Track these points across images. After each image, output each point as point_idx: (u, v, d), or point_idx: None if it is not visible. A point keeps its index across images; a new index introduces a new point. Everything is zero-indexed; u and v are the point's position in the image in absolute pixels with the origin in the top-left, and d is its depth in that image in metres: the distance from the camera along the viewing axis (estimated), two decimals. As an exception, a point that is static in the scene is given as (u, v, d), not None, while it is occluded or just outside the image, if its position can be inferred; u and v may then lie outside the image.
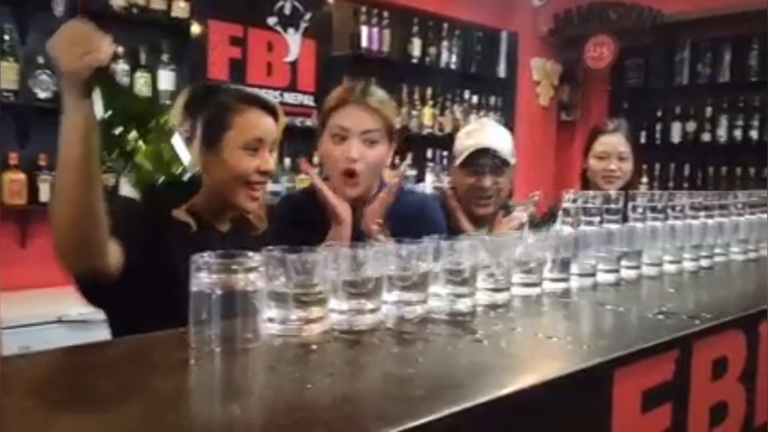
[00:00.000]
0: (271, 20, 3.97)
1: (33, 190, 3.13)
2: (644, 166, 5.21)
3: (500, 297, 1.14)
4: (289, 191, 1.46)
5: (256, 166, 1.46)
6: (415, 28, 4.59)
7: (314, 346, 0.84)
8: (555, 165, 5.35)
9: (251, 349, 0.80)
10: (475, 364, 0.78)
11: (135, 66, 3.38)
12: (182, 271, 0.84)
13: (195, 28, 3.63)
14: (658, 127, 5.27)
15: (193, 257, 0.80)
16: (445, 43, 4.78)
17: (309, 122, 4.10)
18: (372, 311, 0.94)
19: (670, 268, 1.55)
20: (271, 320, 0.87)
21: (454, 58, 4.82)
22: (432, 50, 4.70)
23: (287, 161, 3.98)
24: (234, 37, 3.82)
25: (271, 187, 3.94)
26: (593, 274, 1.36)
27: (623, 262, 1.44)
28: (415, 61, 4.60)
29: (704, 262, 1.67)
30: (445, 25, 4.75)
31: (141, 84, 3.39)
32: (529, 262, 1.21)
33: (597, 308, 1.11)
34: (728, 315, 1.04)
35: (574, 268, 1.34)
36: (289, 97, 4.05)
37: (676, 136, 5.20)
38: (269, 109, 1.50)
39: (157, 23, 3.50)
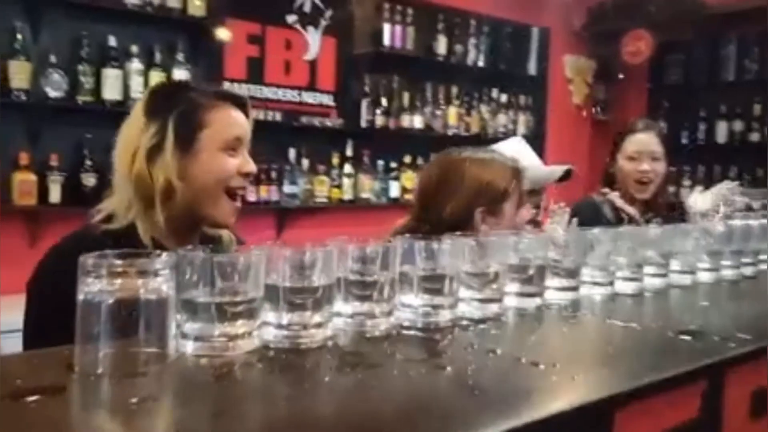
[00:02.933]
0: (291, 18, 3.86)
1: (43, 190, 3.07)
2: (687, 169, 4.94)
3: (489, 309, 0.97)
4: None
5: (237, 168, 1.31)
6: (441, 25, 4.42)
7: (236, 369, 0.68)
8: (589, 167, 5.09)
9: (151, 373, 0.65)
10: (414, 405, 0.61)
11: (149, 65, 3.30)
12: None
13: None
14: (702, 126, 4.97)
15: (80, 258, 0.65)
16: (472, 40, 4.59)
17: (329, 122, 3.97)
18: (318, 326, 0.78)
19: (705, 276, 1.36)
20: (184, 336, 0.71)
21: (481, 56, 4.63)
22: (458, 48, 4.52)
23: (305, 162, 3.85)
24: (252, 35, 3.72)
25: (288, 188, 3.84)
26: (610, 283, 1.17)
27: (647, 269, 1.25)
28: (440, 59, 4.42)
29: (747, 270, 1.47)
30: (473, 22, 4.57)
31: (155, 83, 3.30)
32: (528, 267, 1.04)
33: (607, 325, 0.93)
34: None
35: (586, 276, 1.16)
36: (308, 97, 3.92)
37: (721, 137, 4.90)
38: (242, 105, 1.36)
39: (172, 21, 3.41)
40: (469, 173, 1.59)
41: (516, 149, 2.10)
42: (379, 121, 4.16)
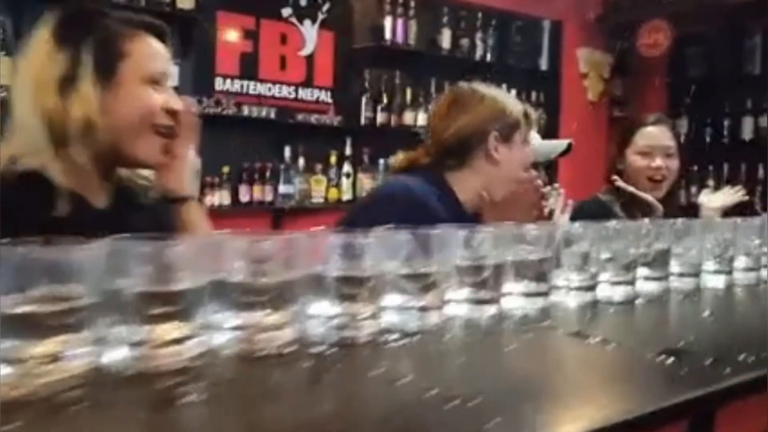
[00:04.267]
0: (286, 11, 3.70)
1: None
2: (710, 167, 4.68)
3: (427, 319, 0.78)
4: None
5: (163, 102, 1.18)
6: (445, 18, 4.23)
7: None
8: (606, 166, 4.84)
9: None
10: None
11: (134, 60, 3.16)
12: None
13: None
14: (726, 122, 4.71)
15: None
16: (479, 34, 4.39)
17: (326, 120, 3.80)
18: (188, 339, 0.60)
19: (713, 279, 1.15)
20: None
21: (489, 51, 4.43)
22: (464, 42, 4.32)
23: (301, 161, 3.68)
24: (245, 29, 3.57)
25: (283, 188, 3.67)
26: (589, 289, 0.98)
27: (641, 271, 1.05)
28: (444, 54, 4.23)
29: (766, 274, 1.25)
30: (479, 14, 4.37)
31: (140, 79, 3.16)
32: (482, 268, 0.84)
33: (570, 342, 0.73)
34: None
35: (560, 280, 0.96)
36: (305, 93, 3.76)
37: (747, 133, 4.63)
38: (161, 36, 1.23)
39: (160, 15, 3.26)
40: (487, 96, 1.63)
41: None
42: (380, 118, 3.98)
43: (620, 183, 2.20)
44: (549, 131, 4.62)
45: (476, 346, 0.74)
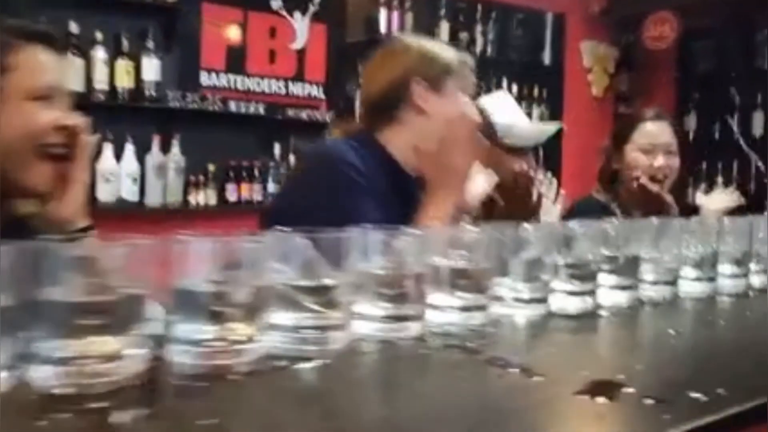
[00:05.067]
0: (275, 3, 3.58)
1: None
2: (719, 164, 4.51)
3: (326, 341, 0.65)
4: None
5: (53, 120, 1.06)
6: (443, 11, 4.09)
7: None
8: (600, 165, 4.68)
9: None
10: None
11: (116, 53, 3.06)
12: None
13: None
14: (736, 118, 4.53)
15: None
16: (478, 28, 4.25)
17: (318, 115, 3.68)
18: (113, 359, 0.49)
19: (692, 288, 1.02)
20: None
21: (489, 44, 4.29)
22: (463, 35, 4.18)
23: (292, 159, 3.57)
24: (232, 22, 3.45)
25: (272, 187, 3.56)
26: (542, 300, 0.85)
27: (605, 279, 0.92)
28: (443, 47, 4.09)
29: (757, 280, 1.12)
30: (479, 7, 4.23)
31: (122, 73, 3.06)
32: (399, 279, 0.72)
33: (488, 372, 0.60)
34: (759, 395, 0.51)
35: (505, 290, 0.83)
36: (296, 88, 3.64)
37: (758, 129, 4.46)
38: (53, 45, 1.10)
39: (142, 6, 3.18)
40: (413, 45, 1.48)
41: (501, 102, 1.94)
42: (375, 114, 3.85)
43: (644, 181, 2.04)
44: (558, 129, 4.47)
45: (384, 376, 0.61)
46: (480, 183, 1.64)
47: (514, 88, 4.35)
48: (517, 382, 0.54)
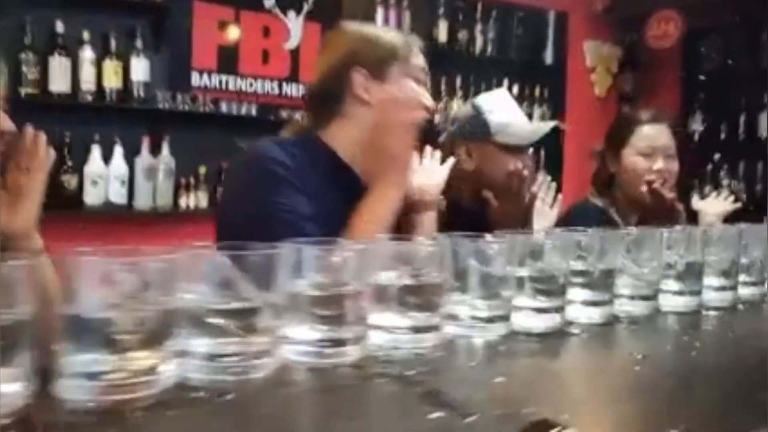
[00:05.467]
0: (268, 2, 3.52)
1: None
2: (725, 166, 4.41)
3: (252, 368, 0.59)
4: None
5: None
6: (441, 10, 4.02)
7: None
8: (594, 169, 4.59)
9: None
10: None
11: (104, 53, 3.01)
12: None
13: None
14: (742, 118, 4.44)
15: None
16: (478, 27, 4.17)
17: (312, 116, 3.61)
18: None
19: (674, 302, 0.94)
20: None
21: (489, 44, 4.21)
22: (462, 35, 4.10)
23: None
24: (223, 21, 3.40)
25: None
26: (504, 318, 0.78)
27: (577, 294, 0.85)
28: (441, 47, 4.02)
29: (747, 293, 1.04)
30: (479, 6, 4.15)
31: (110, 74, 3.01)
32: (342, 298, 0.65)
33: (415, 411, 0.52)
34: None
35: (460, 308, 0.76)
36: (289, 89, 3.58)
37: (764, 129, 4.35)
38: None
39: (130, 4, 3.12)
40: (352, 32, 1.39)
41: (499, 100, 1.87)
42: (371, 115, 3.78)
43: (658, 186, 1.95)
44: (553, 129, 4.38)
45: (302, 411, 0.54)
46: (439, 173, 1.53)
47: (515, 88, 4.26)
48: (444, 423, 0.47)
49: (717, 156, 4.47)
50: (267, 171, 1.20)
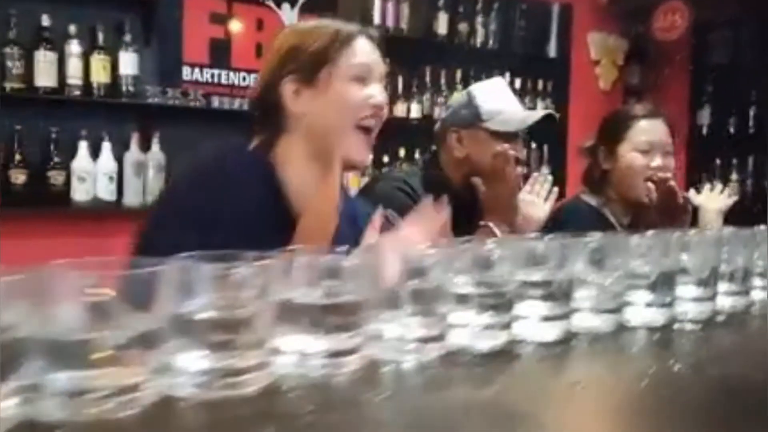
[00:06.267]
0: (262, -6, 3.45)
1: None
2: (734, 160, 4.29)
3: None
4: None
5: None
6: (441, 1, 3.92)
7: None
8: (587, 166, 4.48)
9: None
10: None
11: (91, 47, 2.95)
12: None
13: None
14: (752, 112, 4.32)
15: None
16: (479, 19, 4.07)
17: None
18: None
19: (644, 315, 0.86)
20: None
21: (491, 36, 4.11)
22: (462, 27, 4.00)
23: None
24: (216, 13, 3.33)
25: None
26: (438, 338, 0.70)
27: (530, 309, 0.77)
28: (440, 40, 3.92)
29: (727, 303, 0.96)
30: (480, -3, 4.05)
31: (98, 68, 2.95)
32: (239, 324, 0.57)
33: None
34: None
35: (388, 328, 0.68)
36: (283, 83, 3.49)
37: (774, 123, 4.24)
38: None
39: (120, -1, 3.06)
40: (284, 33, 1.28)
41: (493, 88, 1.84)
42: (368, 109, 3.70)
43: (674, 184, 1.86)
44: (557, 123, 4.28)
45: None
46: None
47: (518, 82, 4.16)
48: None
49: (725, 151, 4.35)
50: (212, 171, 1.13)
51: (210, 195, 1.11)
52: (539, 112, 1.85)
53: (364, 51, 1.22)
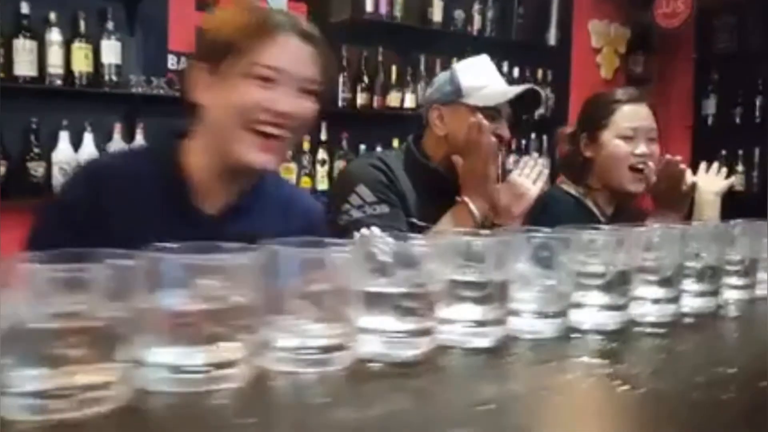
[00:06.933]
0: (250, -19, 3.36)
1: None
2: (740, 150, 4.17)
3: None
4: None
5: None
6: (436, -12, 3.83)
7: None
8: (565, 153, 4.38)
9: None
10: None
11: (73, 36, 2.88)
12: None
13: None
14: (758, 101, 4.19)
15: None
16: (476, 6, 3.97)
17: (296, 101, 3.45)
18: None
19: (593, 318, 0.78)
20: None
21: (488, 24, 4.01)
22: (458, 14, 3.91)
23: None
24: (202, 0, 3.25)
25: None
26: (325, 350, 0.62)
27: (462, 312, 0.69)
28: (435, 27, 3.83)
29: (694, 304, 0.88)
30: (477, -16, 3.95)
31: (80, 57, 2.88)
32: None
33: None
34: None
35: (282, 335, 0.61)
36: (272, 72, 3.42)
37: (780, 112, 4.12)
38: None
39: (103, -15, 2.99)
40: (213, 18, 1.29)
41: (476, 64, 1.79)
42: (361, 99, 3.62)
43: (683, 167, 1.77)
44: (557, 113, 4.19)
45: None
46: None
47: (516, 71, 4.07)
48: None
49: (731, 141, 4.23)
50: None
51: (88, 191, 1.09)
52: (520, 87, 1.76)
53: (286, 50, 1.11)
